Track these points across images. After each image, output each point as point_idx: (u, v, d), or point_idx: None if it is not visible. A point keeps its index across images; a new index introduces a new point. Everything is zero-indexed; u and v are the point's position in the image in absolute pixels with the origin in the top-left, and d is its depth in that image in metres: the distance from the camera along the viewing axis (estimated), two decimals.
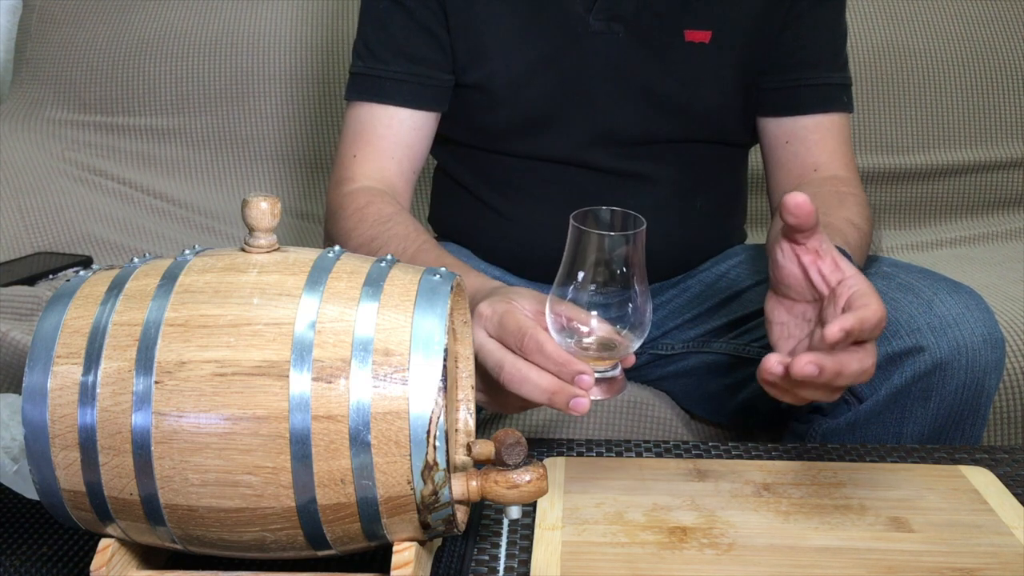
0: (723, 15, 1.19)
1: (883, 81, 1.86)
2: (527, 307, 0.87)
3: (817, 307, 0.86)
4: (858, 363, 0.81)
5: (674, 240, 1.26)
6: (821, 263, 0.85)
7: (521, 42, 1.19)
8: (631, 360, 0.87)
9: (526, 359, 0.84)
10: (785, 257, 0.86)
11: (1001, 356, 1.04)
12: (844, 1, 1.24)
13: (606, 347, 0.85)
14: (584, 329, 0.84)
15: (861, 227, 1.09)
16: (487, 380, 0.86)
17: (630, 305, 0.83)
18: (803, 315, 0.87)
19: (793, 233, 0.84)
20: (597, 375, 0.84)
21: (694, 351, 1.26)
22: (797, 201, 0.82)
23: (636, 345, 0.85)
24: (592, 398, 0.83)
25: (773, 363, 0.82)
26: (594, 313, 0.84)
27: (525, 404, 0.87)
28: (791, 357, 0.81)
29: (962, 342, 1.02)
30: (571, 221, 0.83)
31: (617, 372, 0.85)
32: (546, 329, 0.84)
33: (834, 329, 0.79)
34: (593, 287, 0.83)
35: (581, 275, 0.83)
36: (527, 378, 0.83)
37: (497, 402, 0.89)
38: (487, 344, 0.85)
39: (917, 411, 1.04)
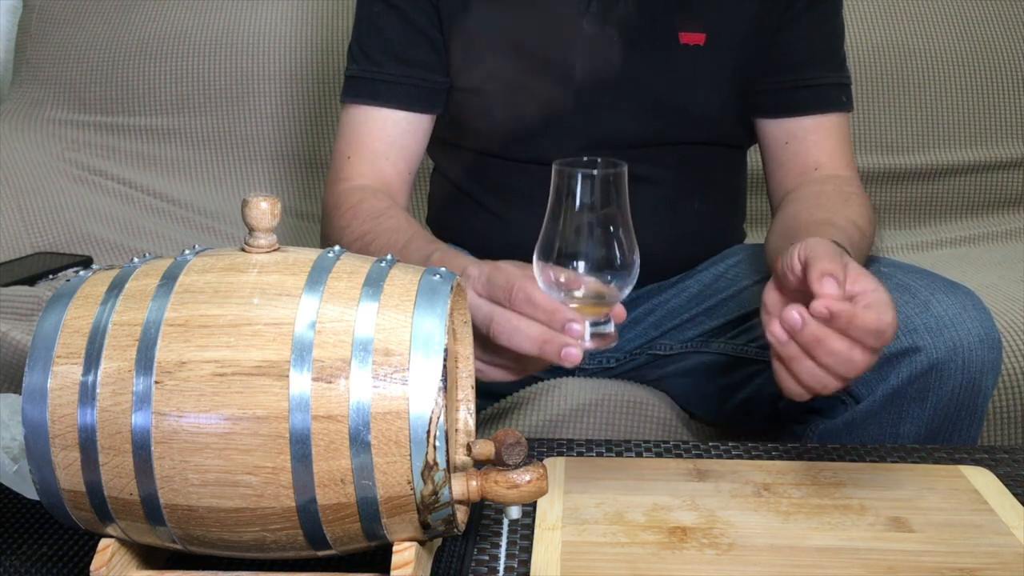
0: (718, 17, 1.19)
1: (883, 81, 1.86)
2: (512, 266, 0.87)
3: None
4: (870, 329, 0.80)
5: (672, 241, 1.25)
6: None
7: (515, 46, 1.19)
8: (622, 313, 0.87)
9: (516, 311, 0.84)
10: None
11: (998, 356, 1.04)
12: (841, 1, 1.24)
13: (595, 298, 0.84)
14: (563, 280, 0.84)
15: (863, 228, 1.09)
16: (480, 342, 0.86)
17: (616, 251, 0.83)
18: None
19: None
20: (590, 329, 0.84)
21: (693, 351, 1.26)
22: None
23: (625, 293, 0.85)
24: (587, 349, 0.83)
25: (792, 313, 0.80)
26: (580, 264, 0.83)
27: (521, 364, 0.87)
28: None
29: (959, 342, 1.01)
30: (553, 166, 0.83)
31: (610, 326, 0.85)
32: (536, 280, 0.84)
33: (819, 305, 0.79)
34: (578, 234, 0.83)
35: (565, 222, 0.83)
36: (517, 328, 0.83)
37: (493, 366, 0.89)
38: (475, 301, 0.86)
39: (914, 411, 1.04)
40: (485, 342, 0.86)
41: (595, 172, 0.83)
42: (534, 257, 0.84)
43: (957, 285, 1.07)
